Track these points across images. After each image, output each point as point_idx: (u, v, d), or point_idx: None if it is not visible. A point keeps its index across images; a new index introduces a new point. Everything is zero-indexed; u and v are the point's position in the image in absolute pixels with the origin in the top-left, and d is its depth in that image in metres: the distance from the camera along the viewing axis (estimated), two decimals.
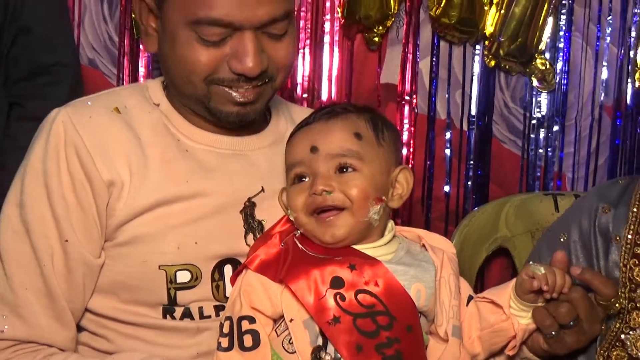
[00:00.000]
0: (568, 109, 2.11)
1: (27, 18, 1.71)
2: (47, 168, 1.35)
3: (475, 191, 2.11)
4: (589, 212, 1.50)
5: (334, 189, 1.30)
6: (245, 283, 1.32)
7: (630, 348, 1.39)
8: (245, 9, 1.30)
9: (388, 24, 2.02)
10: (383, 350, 1.26)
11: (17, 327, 1.33)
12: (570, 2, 2.07)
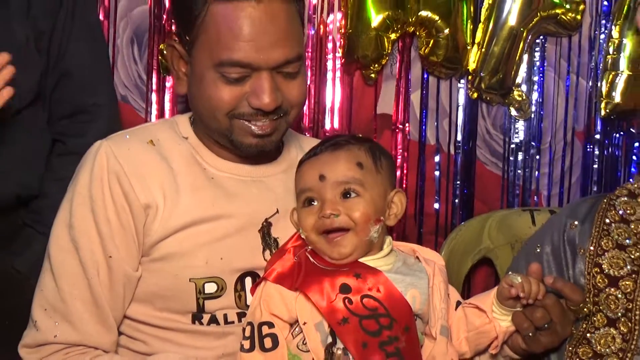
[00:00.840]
0: (543, 135, 2.12)
1: (69, 63, 1.70)
2: (92, 194, 1.39)
3: (461, 207, 2.12)
4: (559, 228, 1.52)
5: (340, 212, 1.34)
6: (265, 293, 1.36)
7: (595, 345, 1.40)
8: (262, 52, 1.34)
9: (383, 62, 2.03)
10: (385, 348, 1.29)
11: (68, 333, 1.37)
12: (543, 41, 2.09)
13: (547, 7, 2.02)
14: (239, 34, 1.33)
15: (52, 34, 1.67)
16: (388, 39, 2.00)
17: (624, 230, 1.46)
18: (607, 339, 1.41)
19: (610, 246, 1.45)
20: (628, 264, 1.43)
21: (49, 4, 1.66)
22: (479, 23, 2.04)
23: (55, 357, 1.37)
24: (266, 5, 1.34)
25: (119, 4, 2.00)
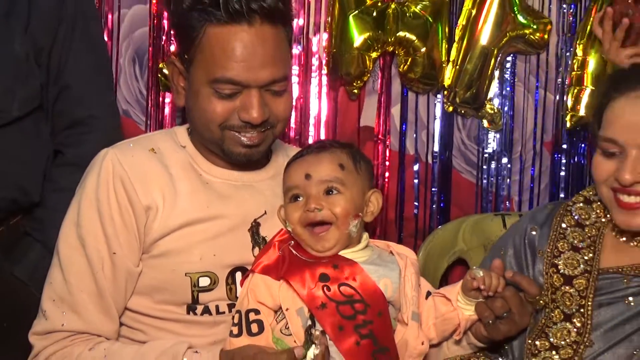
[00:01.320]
0: (514, 145, 2.16)
1: (68, 77, 1.69)
2: (99, 196, 1.43)
3: (438, 213, 2.15)
4: (520, 233, 1.55)
5: (323, 207, 1.39)
6: (252, 283, 1.40)
7: (552, 338, 1.41)
8: (251, 71, 1.39)
9: (365, 78, 2.08)
10: (359, 330, 1.34)
11: (74, 321, 1.40)
12: (513, 59, 2.14)
13: (515, 27, 2.07)
14: (231, 55, 1.37)
15: (51, 49, 1.67)
16: (369, 57, 2.06)
17: (578, 234, 1.48)
18: (563, 333, 1.41)
19: (565, 248, 1.47)
20: (581, 264, 1.45)
21: (49, 21, 1.66)
22: (454, 43, 2.09)
23: (62, 344, 1.41)
24: (257, 29, 1.38)
25: (121, 26, 2.06)
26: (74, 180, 1.61)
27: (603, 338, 1.38)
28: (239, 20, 1.37)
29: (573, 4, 2.13)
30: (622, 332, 1.37)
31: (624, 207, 1.37)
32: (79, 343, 1.41)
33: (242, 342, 1.36)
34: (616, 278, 1.42)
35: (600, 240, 1.47)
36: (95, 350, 1.40)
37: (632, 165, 1.34)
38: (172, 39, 2.06)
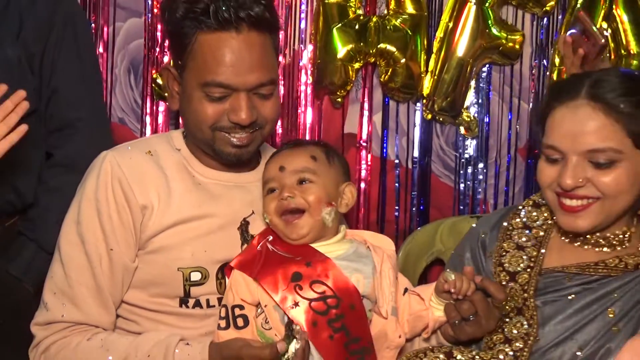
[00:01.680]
0: (489, 151, 2.17)
1: (57, 81, 1.71)
2: (98, 196, 1.46)
3: (418, 215, 2.18)
4: (475, 237, 1.58)
5: (296, 195, 1.41)
6: (233, 280, 1.43)
7: (507, 332, 1.42)
8: (240, 75, 1.42)
9: (348, 87, 2.12)
10: (332, 324, 1.36)
11: (73, 313, 1.44)
12: (489, 69, 2.16)
13: (490, 39, 2.08)
14: (221, 60, 1.41)
15: (43, 55, 1.69)
16: (352, 68, 2.10)
17: (525, 235, 1.51)
18: (517, 325, 1.42)
19: (511, 247, 1.49)
20: (525, 260, 1.47)
21: (40, 29, 1.68)
22: (432, 54, 2.11)
23: (62, 334, 1.44)
24: (245, 36, 1.42)
25: (117, 39, 2.10)
26: (63, 180, 1.66)
27: (550, 334, 1.39)
28: (228, 27, 1.41)
29: (545, 17, 2.15)
30: (566, 329, 1.39)
31: (567, 211, 1.39)
32: (77, 333, 1.45)
33: (229, 335, 1.40)
34: (560, 277, 1.44)
35: (546, 241, 1.49)
36: (92, 340, 1.43)
37: (573, 171, 1.36)
38: (165, 51, 2.11)
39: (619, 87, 1.37)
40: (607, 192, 1.36)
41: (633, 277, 1.39)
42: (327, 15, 2.07)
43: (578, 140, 1.36)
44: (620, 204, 1.39)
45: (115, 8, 2.09)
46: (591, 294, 1.40)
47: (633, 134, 1.35)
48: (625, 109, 1.35)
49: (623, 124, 1.35)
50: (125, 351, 1.42)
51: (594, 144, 1.35)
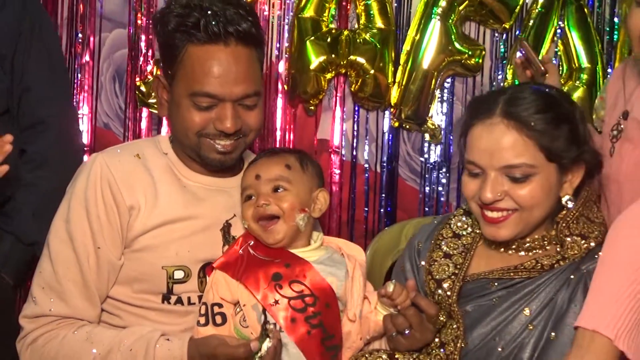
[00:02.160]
0: (452, 157, 2.18)
1: (28, 80, 1.71)
2: (87, 196, 1.45)
3: (385, 216, 2.19)
4: (412, 248, 1.57)
5: (271, 202, 1.42)
6: (215, 279, 1.43)
7: (442, 336, 1.42)
8: (226, 86, 1.43)
9: (321, 96, 2.13)
10: (310, 321, 1.38)
11: (60, 307, 1.44)
12: (452, 80, 2.17)
13: (453, 53, 2.11)
14: (209, 71, 1.42)
15: (13, 57, 1.70)
16: (324, 78, 2.12)
17: (454, 243, 1.50)
18: (450, 330, 1.42)
19: (439, 256, 1.49)
20: (451, 267, 1.46)
21: (9, 33, 1.69)
22: (399, 66, 2.13)
23: (49, 327, 1.44)
24: (232, 49, 1.43)
25: (102, 48, 2.12)
26: (35, 175, 1.66)
27: (477, 338, 1.40)
28: (216, 41, 1.43)
29: (504, 33, 2.18)
30: (491, 329, 1.39)
31: (489, 222, 1.40)
32: (64, 326, 1.45)
33: (208, 332, 1.41)
34: (484, 282, 1.44)
35: (473, 248, 1.49)
36: (78, 333, 1.44)
37: (492, 186, 1.37)
38: (149, 60, 2.12)
39: (531, 105, 1.38)
40: (523, 204, 1.38)
41: (548, 277, 1.40)
42: (301, 29, 2.09)
43: (495, 157, 1.36)
44: (537, 213, 1.40)
45: (101, 19, 2.11)
46: (512, 296, 1.41)
47: (545, 149, 1.37)
48: (537, 126, 1.37)
49: (535, 140, 1.37)
50: (109, 344, 1.42)
51: (509, 160, 1.36)
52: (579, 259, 1.41)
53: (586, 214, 1.46)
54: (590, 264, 1.39)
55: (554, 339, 1.34)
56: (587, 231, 1.44)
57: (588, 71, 2.17)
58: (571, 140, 1.40)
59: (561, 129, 1.38)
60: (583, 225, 1.44)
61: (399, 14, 2.15)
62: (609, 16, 2.21)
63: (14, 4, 1.70)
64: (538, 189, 1.38)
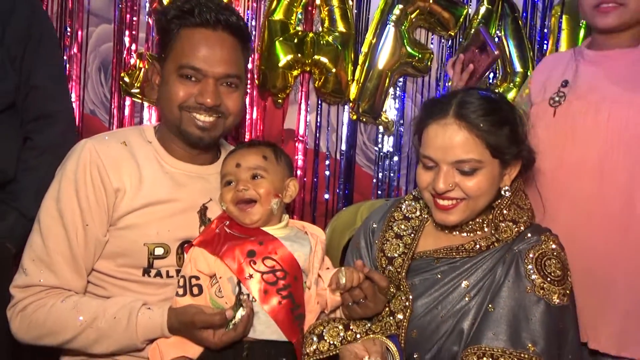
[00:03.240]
0: (403, 146, 2.21)
1: (36, 79, 1.72)
2: (77, 178, 1.44)
3: (344, 198, 2.21)
4: (366, 228, 1.58)
5: (249, 188, 1.43)
6: (193, 255, 1.43)
7: (392, 306, 1.45)
8: (209, 64, 1.44)
9: (288, 91, 2.13)
10: (280, 292, 1.38)
11: (50, 278, 1.42)
12: (404, 79, 2.19)
13: (405, 56, 2.13)
14: (197, 49, 1.44)
15: (23, 58, 1.69)
16: (291, 74, 2.11)
17: (404, 225, 1.52)
18: (398, 300, 1.44)
19: (391, 236, 1.51)
20: (401, 247, 1.48)
21: (20, 35, 1.68)
22: (358, 66, 2.14)
23: (39, 296, 1.43)
24: (219, 34, 1.46)
25: (89, 42, 2.08)
26: (40, 160, 1.64)
27: (422, 306, 1.43)
28: (206, 25, 1.45)
29: (449, 39, 2.20)
30: (434, 300, 1.42)
31: (441, 208, 1.43)
32: (53, 295, 1.43)
33: (185, 301, 1.40)
34: (429, 258, 1.47)
35: (421, 230, 1.51)
36: (66, 302, 1.42)
37: (444, 178, 1.39)
38: (132, 53, 2.08)
39: (478, 108, 1.40)
40: (471, 194, 1.40)
41: (484, 256, 1.43)
42: (271, 30, 2.08)
43: (448, 153, 1.39)
44: (481, 201, 1.44)
45: (88, 15, 2.08)
46: (454, 272, 1.43)
47: (490, 146, 1.39)
48: (484, 127, 1.39)
49: (482, 139, 1.39)
50: (95, 312, 1.41)
51: (460, 155, 1.38)
52: (510, 240, 1.45)
53: (517, 202, 1.49)
54: (521, 245, 1.44)
55: (491, 310, 1.37)
56: (517, 217, 1.47)
57: (521, 75, 2.19)
58: (512, 140, 1.43)
59: (503, 130, 1.41)
60: (514, 212, 1.47)
61: (359, 19, 2.15)
62: (540, 28, 2.24)
63: (23, 11, 1.70)
64: (484, 181, 1.40)
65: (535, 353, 1.30)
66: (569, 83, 1.68)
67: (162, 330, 1.40)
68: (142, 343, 1.42)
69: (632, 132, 1.55)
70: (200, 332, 1.34)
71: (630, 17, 1.59)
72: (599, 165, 1.58)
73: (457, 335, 1.38)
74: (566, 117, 1.64)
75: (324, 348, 1.39)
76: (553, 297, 1.37)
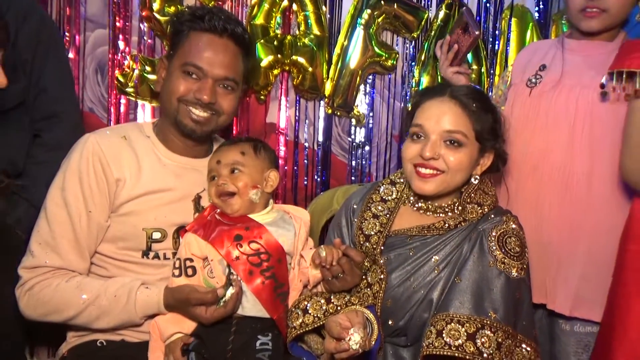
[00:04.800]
0: (373, 137, 2.19)
1: (45, 82, 1.70)
2: (81, 168, 1.41)
3: (321, 184, 2.19)
4: (347, 208, 1.57)
5: (228, 182, 1.42)
6: (187, 239, 1.43)
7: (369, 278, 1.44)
8: (211, 65, 1.44)
9: (269, 88, 2.10)
10: (264, 273, 1.38)
11: (55, 260, 1.40)
12: (373, 77, 2.16)
13: (374, 55, 2.10)
14: (202, 50, 1.44)
15: (32, 61, 1.67)
16: (272, 73, 2.08)
17: (381, 206, 1.51)
18: (374, 273, 1.44)
19: (369, 216, 1.50)
20: (378, 226, 1.47)
21: (30, 41, 1.66)
22: (331, 65, 2.11)
23: (45, 276, 1.41)
24: (224, 41, 1.46)
25: (87, 45, 2.02)
26: (49, 156, 1.61)
27: (396, 278, 1.42)
28: (214, 31, 1.44)
29: (412, 40, 2.18)
30: (407, 273, 1.42)
31: (421, 176, 1.41)
32: (58, 276, 1.42)
33: (181, 282, 1.40)
34: (403, 236, 1.46)
35: (396, 211, 1.49)
36: (70, 282, 1.40)
37: (432, 146, 1.38)
38: (125, 55, 2.02)
39: (470, 92, 1.44)
40: (451, 167, 1.40)
41: (452, 234, 1.43)
42: (253, 33, 2.03)
43: (440, 122, 1.39)
44: (457, 178, 1.43)
45: (85, 21, 2.02)
46: (425, 247, 1.43)
47: (475, 130, 1.42)
48: (474, 109, 1.40)
49: (471, 120, 1.40)
50: (97, 291, 1.40)
51: (451, 125, 1.38)
52: (476, 220, 1.45)
53: (482, 188, 1.49)
54: (485, 224, 1.44)
55: (457, 282, 1.37)
56: (482, 200, 1.47)
57: (475, 72, 2.18)
58: (492, 130, 1.43)
59: (488, 116, 1.42)
60: (480, 196, 1.48)
61: (331, 23, 2.13)
62: (492, 29, 2.23)
63: (34, 18, 1.67)
64: (465, 158, 1.40)
65: (496, 319, 1.31)
66: (547, 67, 1.69)
67: (158, 307, 1.39)
68: (140, 319, 1.41)
69: (596, 115, 1.56)
70: (194, 309, 1.34)
71: (610, 23, 1.61)
72: (568, 142, 1.59)
73: (427, 304, 1.38)
74: (540, 97, 1.64)
75: (309, 320, 1.37)
76: (512, 270, 1.37)
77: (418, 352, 1.34)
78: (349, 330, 1.21)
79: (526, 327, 1.36)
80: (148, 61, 2.02)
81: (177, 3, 1.99)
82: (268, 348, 1.34)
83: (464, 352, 1.25)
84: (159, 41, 2.04)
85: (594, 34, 1.63)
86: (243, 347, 1.33)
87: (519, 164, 1.64)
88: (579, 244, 1.58)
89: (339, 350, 1.22)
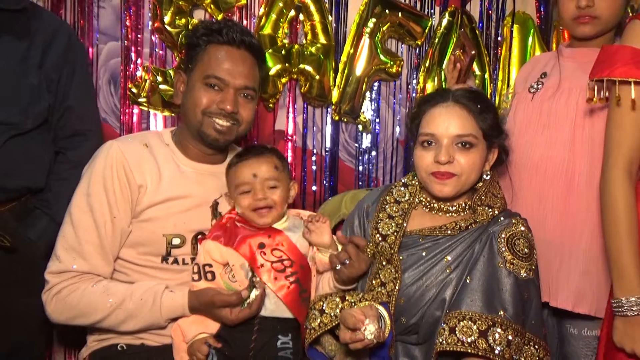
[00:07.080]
0: (380, 143, 2.21)
1: (71, 101, 1.72)
2: (105, 175, 1.44)
3: (329, 189, 2.21)
4: (361, 208, 1.59)
5: (268, 197, 1.45)
6: (207, 246, 1.45)
7: (382, 277, 1.46)
8: (232, 76, 1.48)
9: (278, 96, 2.12)
10: (288, 278, 1.41)
11: (81, 264, 1.44)
12: (379, 84, 2.19)
13: (379, 63, 2.14)
14: (222, 62, 1.48)
15: (59, 81, 1.70)
16: (280, 82, 2.11)
17: (395, 207, 1.53)
18: (388, 272, 1.45)
19: (385, 216, 1.52)
20: (393, 227, 1.49)
21: (58, 61, 1.69)
22: (338, 73, 2.14)
23: (72, 281, 1.44)
24: (242, 52, 1.50)
25: (99, 58, 2.05)
26: (72, 173, 1.63)
27: (409, 277, 1.45)
28: (231, 44, 1.48)
29: (417, 48, 2.21)
30: (419, 272, 1.44)
31: (439, 179, 1.44)
32: (85, 280, 1.45)
33: (202, 285, 1.43)
34: (416, 237, 1.48)
35: (409, 212, 1.52)
36: (97, 286, 1.44)
37: (446, 150, 1.42)
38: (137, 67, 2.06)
39: (471, 95, 1.48)
40: (465, 169, 1.43)
41: (463, 235, 1.46)
42: (261, 43, 2.05)
43: (450, 127, 1.43)
44: (471, 178, 1.46)
45: (98, 34, 2.05)
46: (437, 248, 1.45)
47: (482, 129, 1.46)
48: (478, 110, 1.45)
49: (477, 120, 1.45)
50: (123, 295, 1.43)
51: (460, 129, 1.43)
52: (486, 222, 1.48)
53: (492, 190, 1.53)
54: (495, 227, 1.47)
55: (468, 281, 1.40)
56: (492, 203, 1.51)
57: (479, 77, 2.22)
58: (495, 126, 1.48)
59: (489, 114, 1.47)
60: (489, 199, 1.51)
61: (338, 32, 2.15)
62: (494, 36, 2.27)
63: (63, 39, 1.70)
64: (477, 158, 1.44)
65: (506, 317, 1.34)
66: (547, 74, 1.76)
67: (183, 310, 1.43)
68: (165, 321, 1.44)
69: (596, 114, 1.61)
70: (219, 311, 1.37)
71: (603, 28, 1.67)
72: (570, 140, 1.63)
73: (439, 302, 1.41)
74: (542, 101, 1.70)
75: (326, 320, 1.41)
76: (521, 271, 1.40)
77: (429, 350, 1.36)
78: (364, 321, 1.23)
79: (535, 326, 1.38)
80: (160, 72, 2.05)
81: (187, 15, 2.03)
82: (289, 347, 1.37)
83: (476, 349, 1.28)
84: (170, 52, 2.08)
85: (589, 39, 1.69)
86: (265, 347, 1.37)
87: (522, 164, 1.68)
88: (581, 241, 1.61)
89: (354, 340, 1.24)
